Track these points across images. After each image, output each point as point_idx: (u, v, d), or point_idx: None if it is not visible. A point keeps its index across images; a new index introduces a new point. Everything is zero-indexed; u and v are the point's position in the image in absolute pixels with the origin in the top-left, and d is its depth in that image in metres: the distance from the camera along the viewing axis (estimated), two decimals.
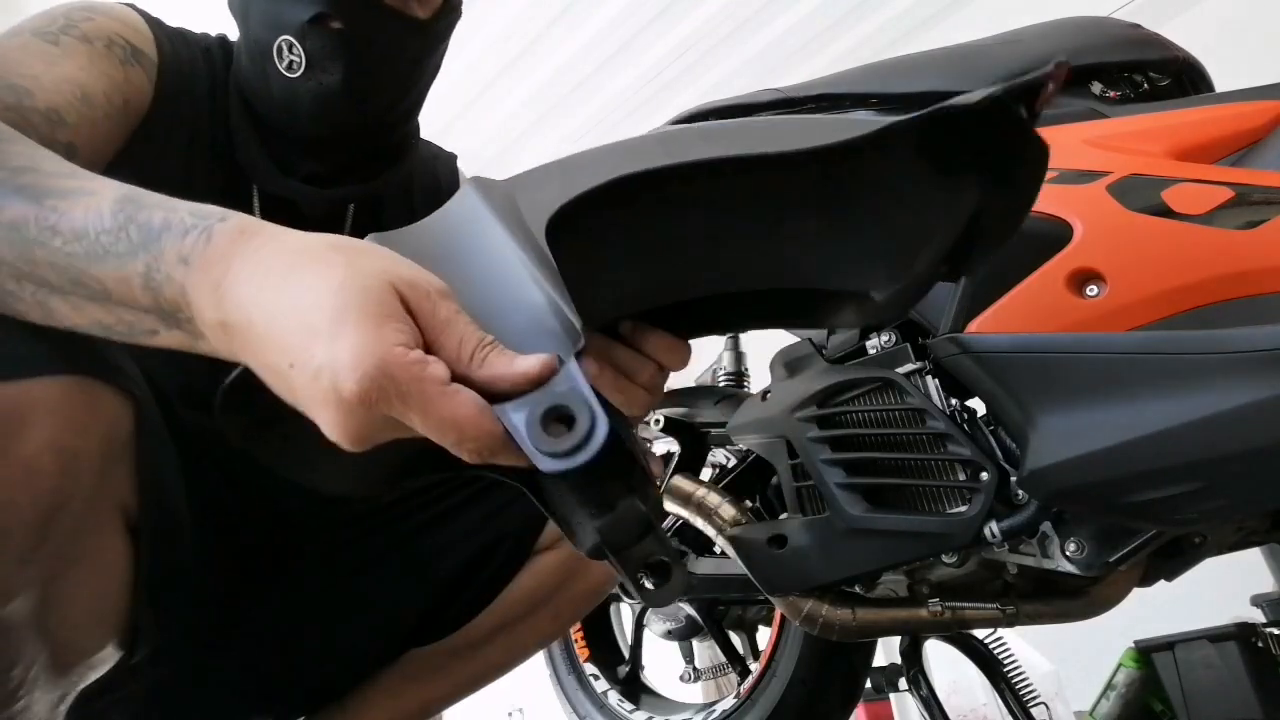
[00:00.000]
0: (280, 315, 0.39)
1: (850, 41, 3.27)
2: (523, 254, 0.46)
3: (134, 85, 0.75)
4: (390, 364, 0.36)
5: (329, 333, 0.37)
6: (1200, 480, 0.71)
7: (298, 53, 0.75)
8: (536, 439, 0.39)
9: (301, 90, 0.76)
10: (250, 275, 0.41)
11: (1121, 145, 0.83)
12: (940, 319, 0.86)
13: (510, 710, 3.55)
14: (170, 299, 0.43)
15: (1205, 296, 0.72)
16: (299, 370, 0.38)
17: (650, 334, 0.55)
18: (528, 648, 0.96)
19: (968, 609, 0.96)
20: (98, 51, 0.72)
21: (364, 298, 0.38)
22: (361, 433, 0.38)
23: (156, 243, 0.43)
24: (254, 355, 0.41)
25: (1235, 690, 1.18)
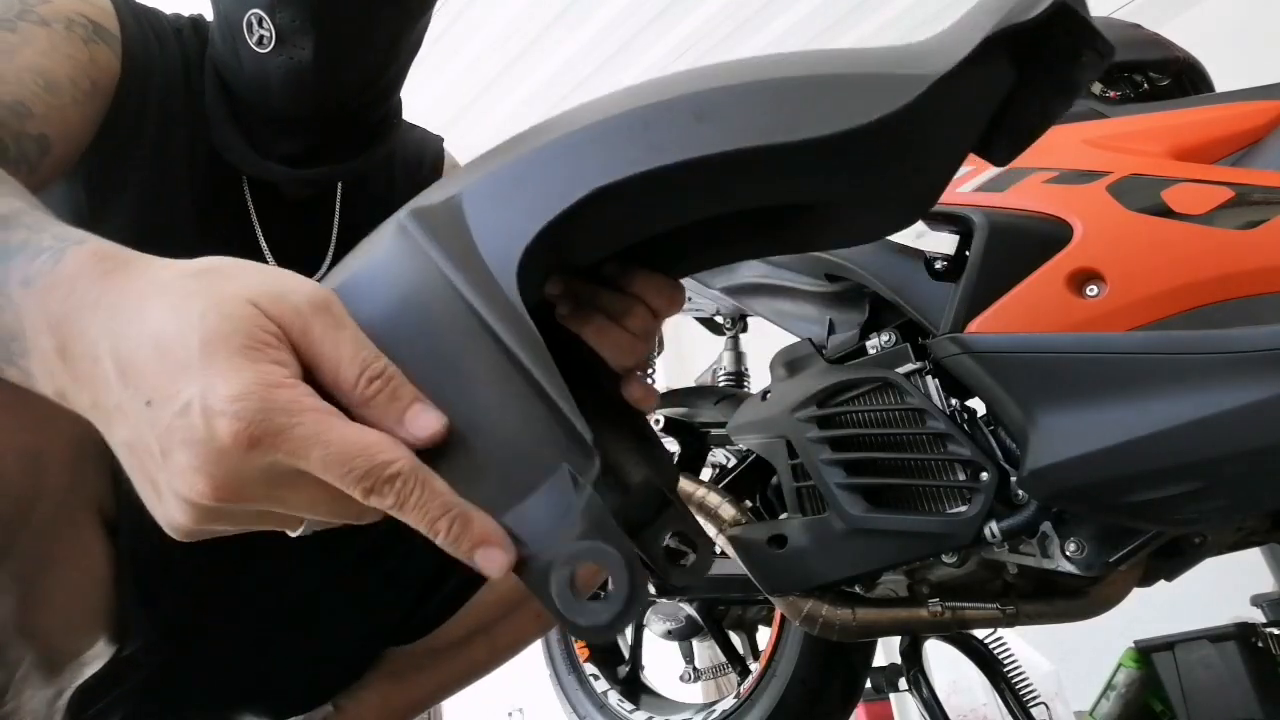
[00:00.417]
0: (136, 347, 0.33)
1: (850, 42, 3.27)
2: (502, 329, 0.36)
3: (100, 65, 0.72)
4: (277, 395, 0.32)
5: (199, 366, 0.32)
6: (1200, 480, 0.71)
7: (267, 27, 0.71)
8: (567, 604, 0.33)
9: (272, 67, 0.73)
10: (98, 302, 0.35)
11: (1121, 145, 0.83)
12: (940, 319, 0.86)
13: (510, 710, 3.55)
14: (6, 325, 0.37)
15: (1205, 296, 0.72)
16: (158, 408, 0.32)
17: (638, 274, 0.49)
18: (511, 646, 0.95)
19: (968, 609, 0.96)
20: (57, 34, 0.69)
21: (232, 326, 0.33)
22: (230, 483, 0.32)
23: (5, 263, 0.37)
24: (92, 392, 0.35)
25: (1235, 690, 1.18)
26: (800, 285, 1.08)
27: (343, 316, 0.35)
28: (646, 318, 0.49)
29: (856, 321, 1.05)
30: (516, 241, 0.39)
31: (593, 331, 0.48)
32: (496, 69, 3.23)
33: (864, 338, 1.02)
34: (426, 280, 0.38)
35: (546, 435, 0.36)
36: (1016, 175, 0.85)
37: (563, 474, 0.35)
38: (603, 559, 0.33)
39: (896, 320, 0.99)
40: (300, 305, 0.34)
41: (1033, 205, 0.82)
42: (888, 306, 1.00)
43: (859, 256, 0.95)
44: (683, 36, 3.21)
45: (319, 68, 0.73)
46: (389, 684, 0.89)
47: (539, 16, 3.01)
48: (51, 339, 0.35)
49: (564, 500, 0.35)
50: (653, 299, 0.49)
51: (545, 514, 0.35)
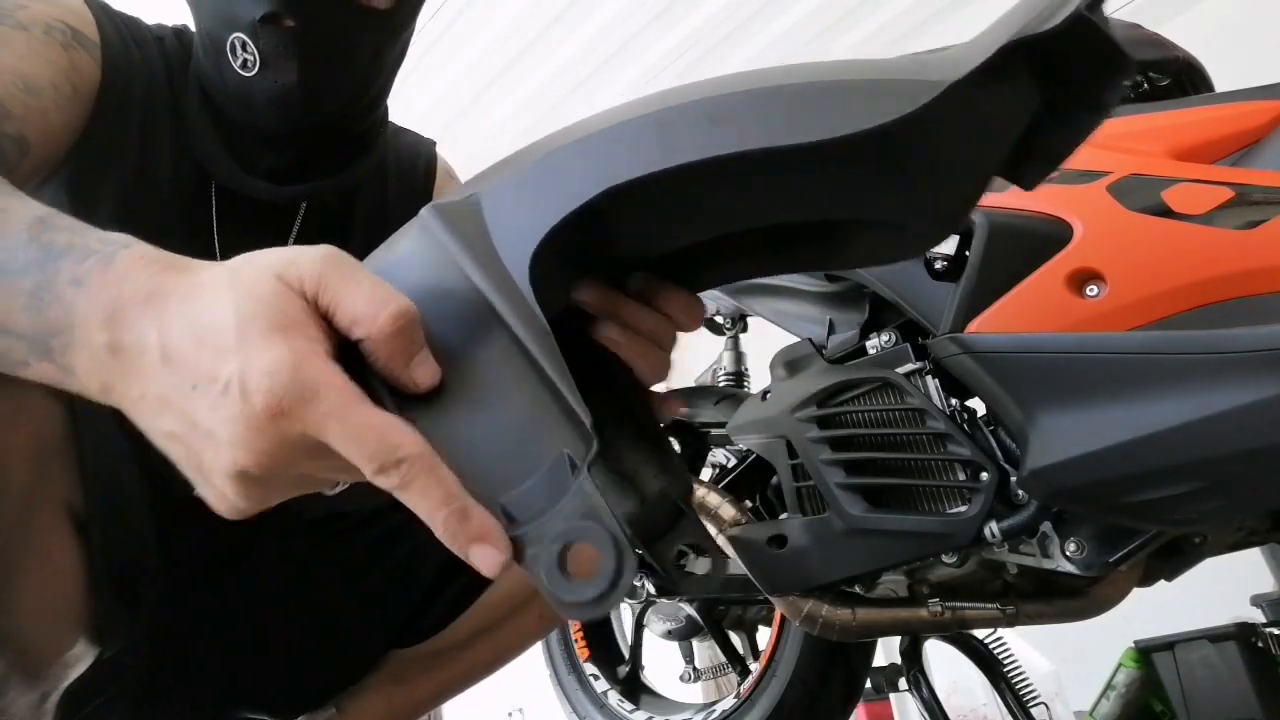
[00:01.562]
0: (181, 338, 0.36)
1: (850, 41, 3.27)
2: (512, 318, 0.38)
3: (80, 71, 0.72)
4: (304, 370, 0.34)
5: (236, 347, 0.35)
6: (1200, 480, 0.71)
7: (251, 51, 0.72)
8: (553, 581, 0.35)
9: (257, 89, 0.73)
10: (148, 300, 0.38)
11: (1121, 145, 0.83)
12: (940, 319, 0.86)
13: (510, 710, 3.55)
14: (51, 321, 0.39)
15: (1205, 296, 0.72)
16: (202, 391, 0.35)
17: (661, 289, 0.50)
18: (514, 648, 0.95)
19: (968, 609, 0.96)
20: (36, 38, 0.68)
21: (263, 305, 0.35)
22: (267, 452, 0.35)
23: (54, 263, 0.40)
24: (141, 384, 0.37)
25: (1235, 690, 1.18)
26: (800, 285, 1.08)
27: (355, 265, 0.38)
28: (671, 332, 0.51)
29: (856, 321, 1.05)
30: (530, 238, 0.40)
31: (621, 345, 0.49)
32: (496, 69, 3.24)
33: (864, 338, 1.02)
34: (443, 270, 0.40)
35: (548, 420, 0.37)
36: None
37: (561, 458, 0.36)
38: (590, 537, 0.34)
39: (896, 320, 0.99)
40: (315, 259, 0.37)
41: (1033, 205, 0.82)
42: (888, 306, 1.00)
43: None
44: (683, 36, 3.21)
45: (303, 89, 0.73)
46: (392, 685, 0.89)
47: (538, 17, 3.01)
48: (104, 334, 0.37)
49: (561, 483, 0.36)
50: (677, 314, 0.51)
51: (542, 495, 0.36)
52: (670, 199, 0.43)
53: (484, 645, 0.91)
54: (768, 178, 0.42)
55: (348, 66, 0.76)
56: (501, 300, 0.38)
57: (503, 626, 0.91)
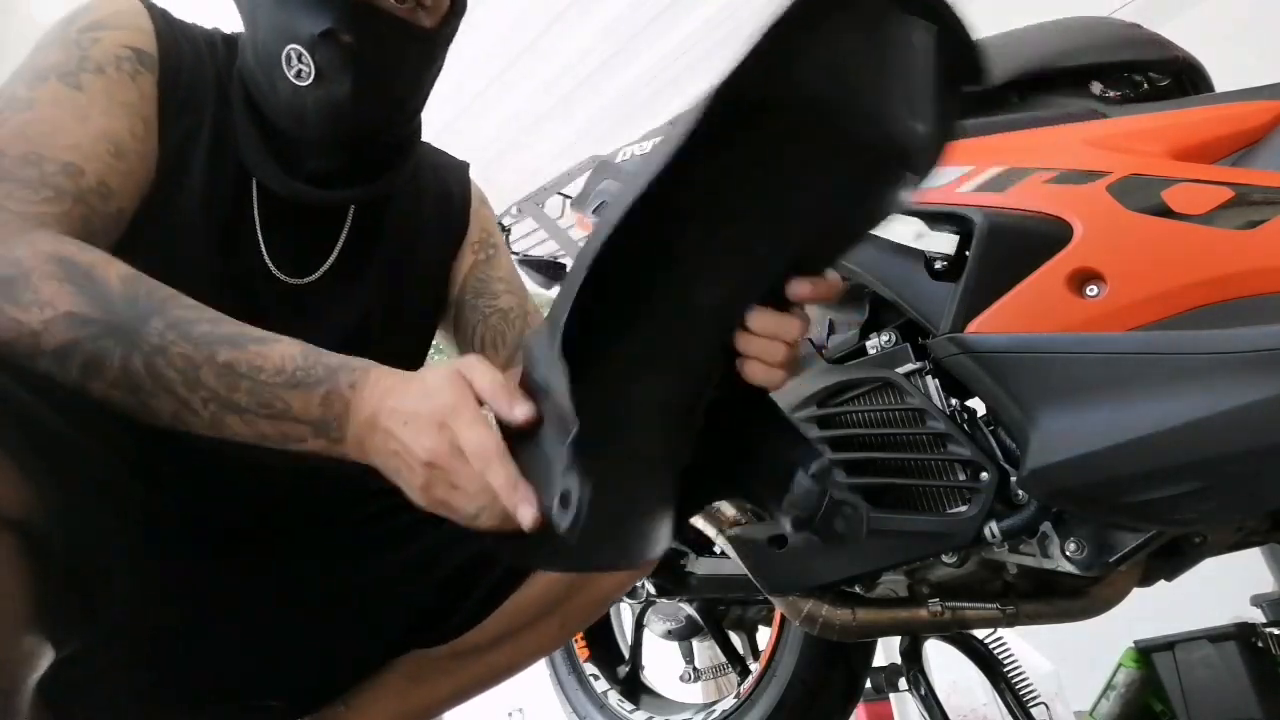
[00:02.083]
0: (405, 402, 0.61)
1: None
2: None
3: (145, 96, 0.76)
4: (459, 405, 0.59)
5: (431, 397, 0.60)
6: (1200, 480, 0.71)
7: (307, 62, 0.76)
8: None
9: (310, 99, 0.77)
10: (387, 391, 0.63)
11: (1121, 145, 0.83)
12: (940, 319, 0.86)
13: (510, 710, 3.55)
14: (337, 412, 0.62)
15: (1205, 296, 0.72)
16: (407, 424, 0.60)
17: (758, 314, 0.65)
18: (533, 654, 0.95)
19: (968, 609, 0.96)
20: (112, 81, 0.74)
21: (446, 381, 0.61)
22: (439, 449, 0.59)
23: (334, 377, 0.63)
24: (385, 431, 0.61)
25: (1235, 690, 1.18)
26: None
27: (485, 372, 0.62)
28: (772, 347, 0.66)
29: (856, 321, 1.05)
30: (560, 327, 0.55)
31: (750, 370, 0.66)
32: (496, 69, 3.24)
33: (864, 338, 1.02)
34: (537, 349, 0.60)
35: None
36: (1016, 175, 0.85)
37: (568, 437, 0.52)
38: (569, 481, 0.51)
39: (896, 320, 0.99)
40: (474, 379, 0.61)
41: (1033, 205, 0.82)
42: (888, 306, 1.00)
43: (859, 256, 0.95)
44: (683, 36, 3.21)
45: (354, 102, 0.77)
46: (406, 685, 0.89)
47: (539, 16, 3.01)
48: (369, 411, 0.62)
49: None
50: (782, 335, 0.65)
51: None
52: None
53: (506, 649, 0.91)
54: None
55: (396, 81, 0.81)
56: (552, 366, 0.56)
57: (526, 631, 0.91)
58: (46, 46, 0.75)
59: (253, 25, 0.79)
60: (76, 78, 0.72)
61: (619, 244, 0.53)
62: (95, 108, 0.72)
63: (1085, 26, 1.01)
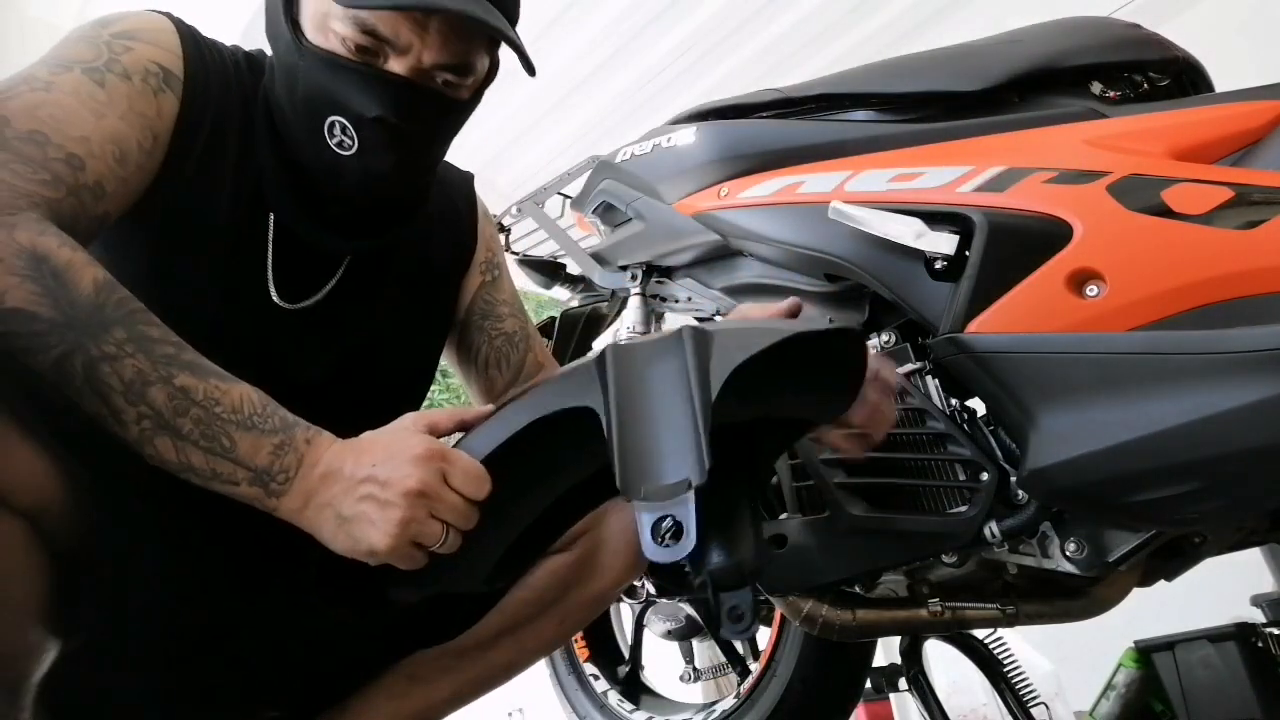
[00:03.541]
0: (377, 450, 0.65)
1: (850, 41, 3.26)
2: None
3: (163, 115, 0.77)
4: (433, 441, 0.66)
5: (406, 439, 0.66)
6: (1200, 480, 0.71)
7: (351, 135, 0.77)
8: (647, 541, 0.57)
9: (349, 167, 0.78)
10: (349, 447, 0.66)
11: (1121, 145, 0.83)
12: (940, 319, 0.86)
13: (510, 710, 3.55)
14: (285, 464, 0.64)
15: (1205, 296, 0.72)
16: (380, 465, 0.64)
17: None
18: (533, 652, 0.95)
19: (968, 609, 0.96)
20: (135, 90, 0.74)
21: (413, 428, 0.67)
22: (429, 479, 0.63)
23: (291, 430, 0.65)
24: (349, 480, 0.64)
25: (1235, 690, 1.18)
26: (800, 285, 1.08)
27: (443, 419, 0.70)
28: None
29: (856, 321, 1.05)
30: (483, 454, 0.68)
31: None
32: None
33: None
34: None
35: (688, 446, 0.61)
36: (1016, 175, 0.85)
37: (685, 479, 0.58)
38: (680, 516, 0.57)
39: (896, 320, 0.99)
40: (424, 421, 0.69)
41: (1033, 205, 0.82)
42: (888, 306, 1.00)
43: (859, 256, 0.95)
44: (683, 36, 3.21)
45: (394, 174, 0.80)
46: (406, 685, 0.88)
47: (538, 17, 3.01)
48: (322, 467, 0.65)
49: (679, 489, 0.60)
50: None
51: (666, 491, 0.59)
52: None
53: (505, 647, 0.91)
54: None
55: (432, 152, 0.85)
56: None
57: (525, 629, 0.91)
58: (75, 41, 0.75)
59: (291, 76, 0.79)
60: (102, 76, 0.73)
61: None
62: (113, 109, 0.72)
63: (1085, 26, 1.01)
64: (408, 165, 0.80)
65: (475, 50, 0.80)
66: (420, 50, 0.75)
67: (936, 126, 0.97)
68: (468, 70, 0.80)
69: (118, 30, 0.76)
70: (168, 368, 0.62)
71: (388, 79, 0.75)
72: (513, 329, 1.01)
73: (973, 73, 0.97)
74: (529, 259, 1.61)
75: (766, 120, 1.11)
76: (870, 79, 1.05)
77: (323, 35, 0.76)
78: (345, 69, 0.75)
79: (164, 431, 0.62)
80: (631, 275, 1.32)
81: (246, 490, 0.64)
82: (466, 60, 0.79)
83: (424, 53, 0.76)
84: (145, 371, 0.61)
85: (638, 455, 0.60)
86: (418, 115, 0.78)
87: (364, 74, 0.75)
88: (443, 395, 11.63)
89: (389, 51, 0.75)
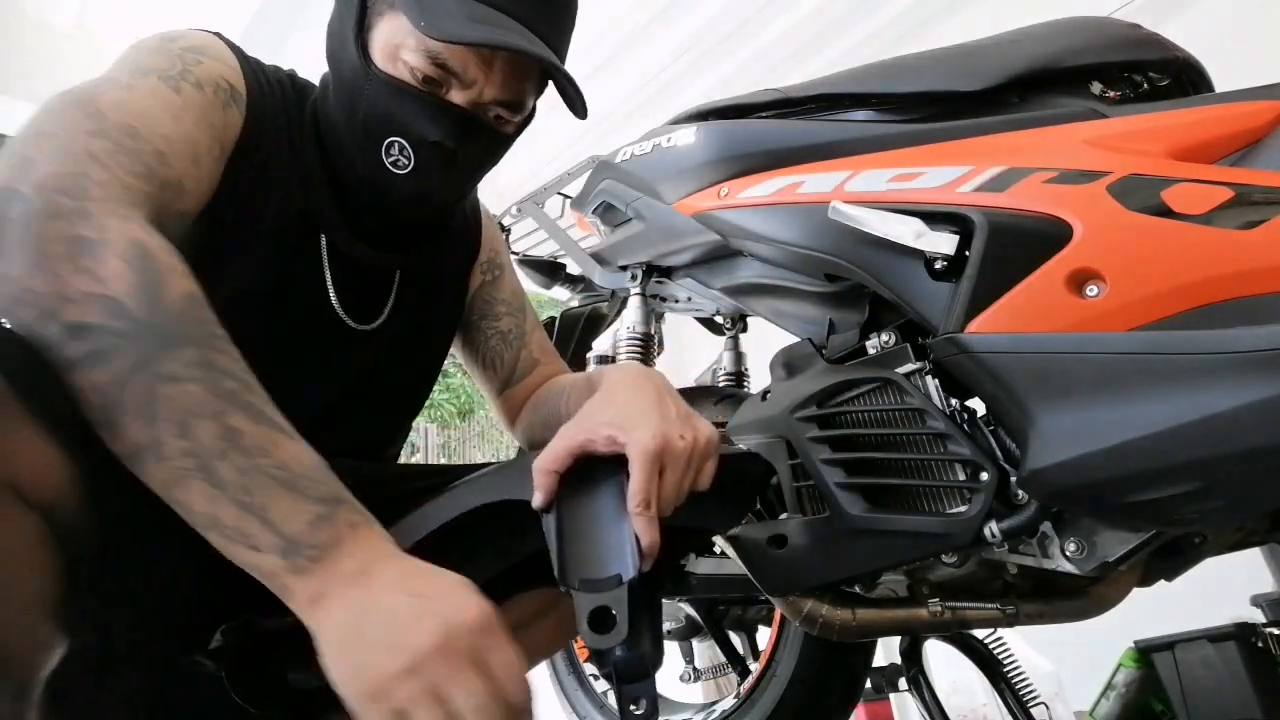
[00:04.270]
0: (430, 580, 0.58)
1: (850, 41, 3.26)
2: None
3: (230, 128, 0.79)
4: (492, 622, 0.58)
5: (463, 596, 0.58)
6: (1200, 480, 0.71)
7: (408, 156, 0.82)
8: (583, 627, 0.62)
9: (400, 185, 0.83)
10: (396, 557, 0.59)
11: (1121, 145, 0.83)
12: (940, 319, 0.86)
13: None
14: (320, 540, 0.56)
15: (1205, 296, 0.72)
16: (427, 599, 0.55)
17: None
18: (537, 652, 0.95)
19: (968, 609, 0.96)
20: (208, 100, 0.77)
21: (473, 594, 0.59)
22: (454, 652, 0.55)
23: (339, 506, 0.58)
24: (365, 594, 0.55)
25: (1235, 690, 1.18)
26: (800, 285, 1.08)
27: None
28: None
29: (856, 321, 1.05)
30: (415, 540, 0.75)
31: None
32: None
33: (864, 338, 1.02)
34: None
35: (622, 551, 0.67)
36: (1016, 175, 0.85)
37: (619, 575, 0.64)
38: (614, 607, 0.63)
39: (896, 320, 0.99)
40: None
41: (1033, 205, 0.82)
42: (888, 306, 1.00)
43: (859, 256, 0.95)
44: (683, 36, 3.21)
45: (442, 195, 0.85)
46: None
47: None
48: (361, 562, 0.57)
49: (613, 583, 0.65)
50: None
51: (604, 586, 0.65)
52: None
53: None
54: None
55: (476, 177, 0.91)
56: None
57: (531, 628, 0.91)
58: (147, 51, 0.77)
59: (354, 97, 0.83)
60: (177, 83, 0.75)
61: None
62: (189, 114, 0.74)
63: (1085, 26, 1.01)
64: (453, 189, 0.86)
65: (530, 89, 0.86)
66: (483, 86, 0.81)
67: (936, 126, 0.97)
68: (520, 108, 0.86)
69: (186, 45, 0.79)
70: (225, 402, 0.56)
71: (450, 108, 0.81)
72: (508, 327, 1.06)
73: (973, 73, 0.97)
74: (529, 259, 1.61)
75: (766, 120, 1.11)
76: (870, 79, 1.05)
77: (392, 64, 0.81)
78: (412, 96, 0.80)
79: (200, 475, 0.55)
80: (631, 275, 1.32)
81: (266, 560, 0.56)
82: (521, 99, 0.85)
83: (486, 88, 0.81)
84: (202, 400, 0.56)
85: (574, 550, 0.65)
86: (471, 144, 0.83)
87: (428, 102, 0.80)
88: (442, 395, 11.64)
89: (453, 84, 0.81)
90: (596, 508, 0.68)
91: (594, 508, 0.68)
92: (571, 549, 0.65)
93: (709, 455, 0.73)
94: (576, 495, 0.69)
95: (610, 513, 0.67)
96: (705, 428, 0.74)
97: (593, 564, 0.64)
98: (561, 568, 0.64)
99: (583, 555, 0.65)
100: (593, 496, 0.69)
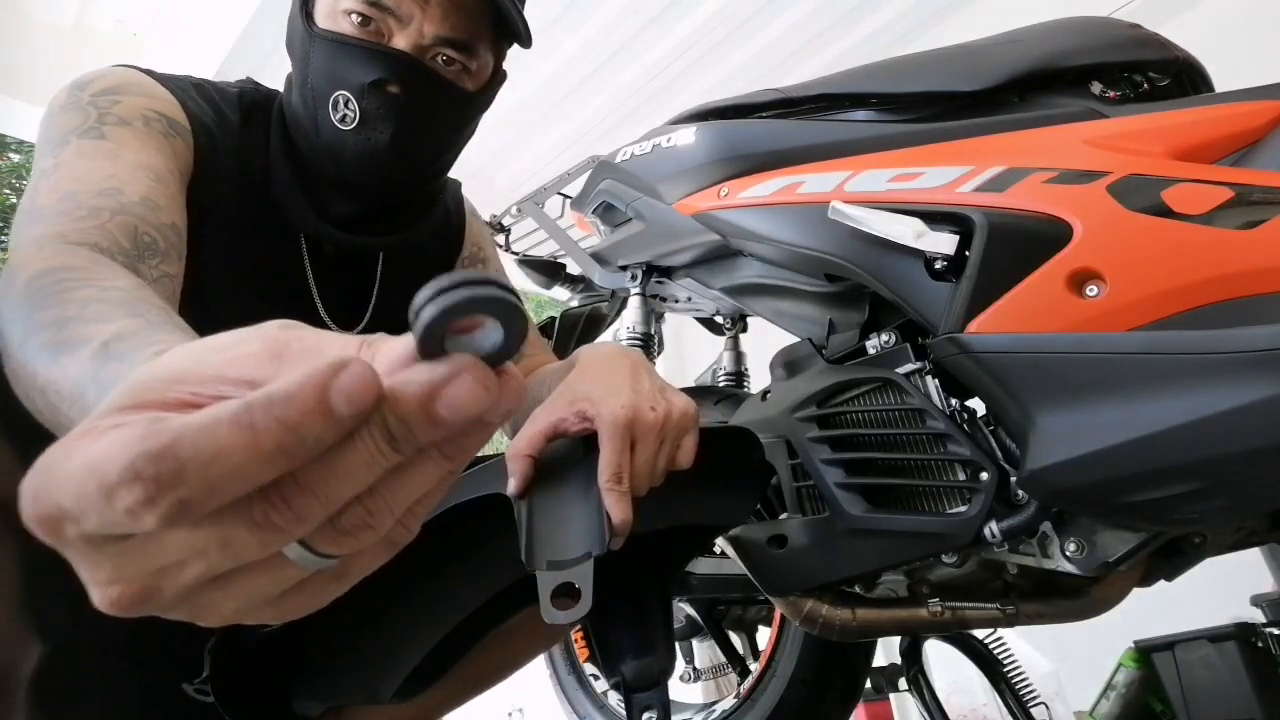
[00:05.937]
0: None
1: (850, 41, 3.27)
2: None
3: (180, 156, 0.79)
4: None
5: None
6: (1200, 480, 0.71)
7: (353, 108, 0.81)
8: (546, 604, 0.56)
9: (350, 142, 0.82)
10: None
11: (1121, 145, 0.83)
12: (940, 319, 0.86)
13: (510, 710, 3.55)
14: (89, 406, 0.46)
15: (1205, 296, 0.72)
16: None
17: None
18: (525, 651, 0.95)
19: (968, 609, 0.96)
20: (140, 132, 0.75)
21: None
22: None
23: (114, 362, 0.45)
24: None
25: (1235, 690, 1.18)
26: (800, 285, 1.08)
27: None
28: None
29: (856, 321, 1.05)
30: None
31: None
32: None
33: (864, 338, 1.02)
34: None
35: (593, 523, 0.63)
36: (1016, 175, 0.85)
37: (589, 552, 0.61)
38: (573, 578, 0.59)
39: (896, 320, 0.99)
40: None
41: (1033, 205, 0.82)
42: (888, 306, 1.00)
43: (859, 256, 0.95)
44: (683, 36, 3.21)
45: (392, 149, 0.83)
46: None
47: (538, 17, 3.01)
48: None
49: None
50: None
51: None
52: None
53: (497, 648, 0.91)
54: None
55: (432, 134, 0.87)
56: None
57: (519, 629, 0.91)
58: (58, 113, 0.75)
59: (303, 68, 0.83)
60: (99, 130, 0.73)
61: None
62: (126, 149, 0.72)
63: (1085, 26, 1.01)
64: (407, 142, 0.83)
65: (476, 31, 0.84)
66: (421, 21, 0.80)
67: (936, 126, 0.97)
68: (469, 50, 0.84)
69: (98, 89, 0.77)
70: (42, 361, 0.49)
71: (388, 50, 0.80)
72: None
73: (973, 73, 0.97)
74: (529, 259, 1.61)
75: (766, 120, 1.11)
76: (870, 79, 1.05)
77: (333, 20, 0.81)
78: (351, 46, 0.80)
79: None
80: (631, 275, 1.32)
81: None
82: (466, 37, 0.83)
83: (425, 24, 0.80)
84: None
85: (544, 532, 0.63)
86: (416, 87, 0.81)
87: (367, 47, 0.80)
88: None
89: (392, 24, 0.80)
90: (566, 488, 0.65)
91: (563, 488, 0.65)
92: (540, 531, 0.62)
93: (686, 428, 0.68)
94: (549, 477, 0.66)
95: (579, 491, 0.64)
96: (681, 399, 0.69)
97: (560, 545, 0.61)
98: (528, 551, 0.61)
99: (550, 536, 0.62)
100: (563, 477, 0.66)
